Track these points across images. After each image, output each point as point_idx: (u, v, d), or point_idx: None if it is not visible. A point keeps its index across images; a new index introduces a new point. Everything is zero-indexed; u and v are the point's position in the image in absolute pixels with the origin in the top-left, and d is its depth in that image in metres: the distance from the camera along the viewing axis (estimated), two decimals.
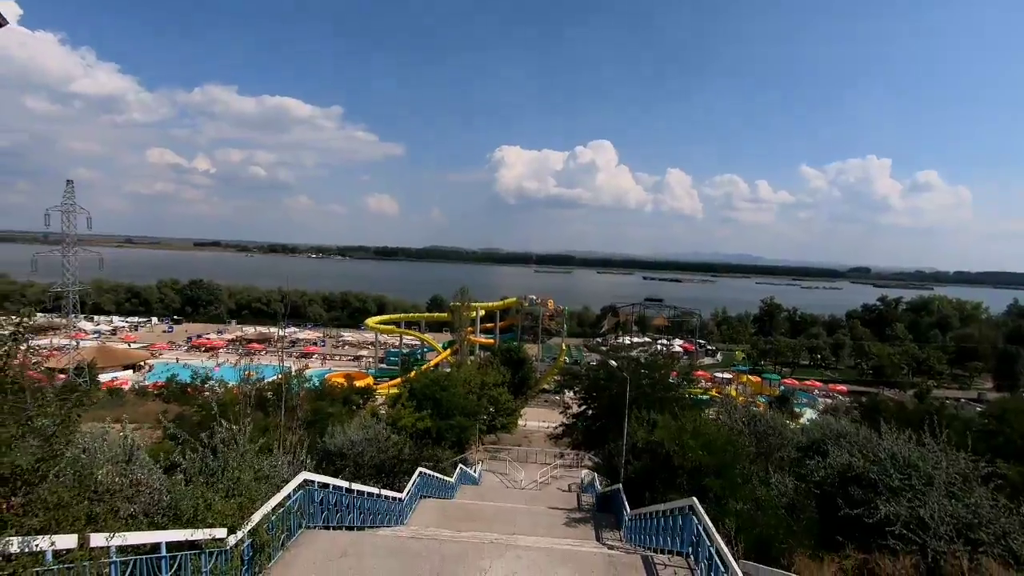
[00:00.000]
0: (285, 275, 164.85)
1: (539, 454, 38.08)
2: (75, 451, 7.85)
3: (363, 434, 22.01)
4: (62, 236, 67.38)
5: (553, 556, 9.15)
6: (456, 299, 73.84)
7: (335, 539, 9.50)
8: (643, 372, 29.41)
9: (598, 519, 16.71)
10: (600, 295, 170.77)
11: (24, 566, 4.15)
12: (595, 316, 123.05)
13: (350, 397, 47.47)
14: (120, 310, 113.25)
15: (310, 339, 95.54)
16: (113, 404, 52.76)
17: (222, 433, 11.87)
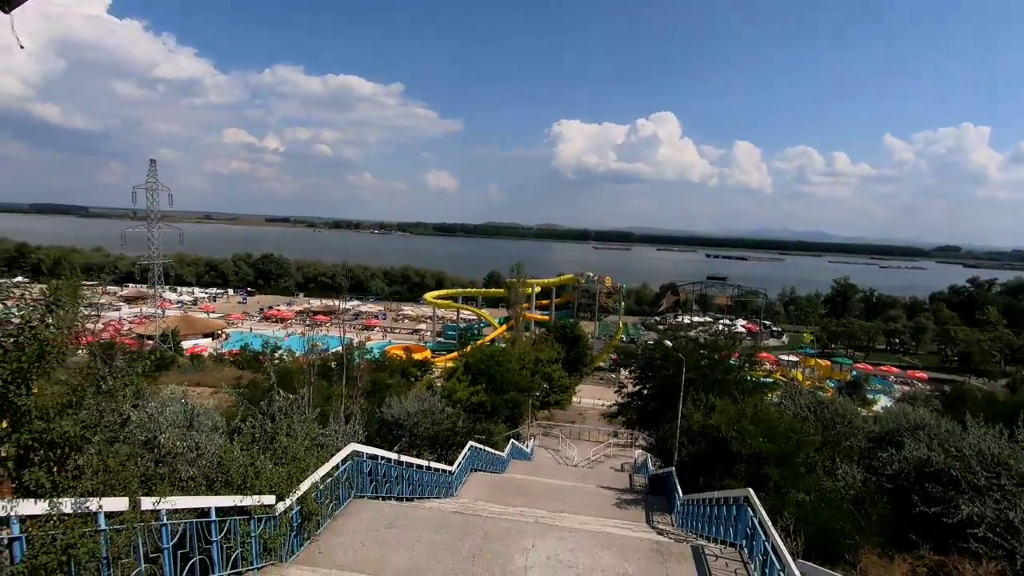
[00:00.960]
0: (349, 250, 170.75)
1: (592, 432, 37.89)
2: (141, 415, 8.29)
3: (419, 406, 22.56)
4: (147, 212, 72.35)
5: (598, 539, 8.95)
6: (512, 275, 73.85)
7: (382, 510, 9.70)
8: (702, 353, 28.38)
9: (649, 501, 16.38)
10: (660, 273, 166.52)
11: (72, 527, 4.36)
12: (654, 294, 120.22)
13: (408, 369, 48.81)
14: (200, 282, 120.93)
15: (372, 312, 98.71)
16: (194, 369, 56.84)
17: (279, 401, 12.32)
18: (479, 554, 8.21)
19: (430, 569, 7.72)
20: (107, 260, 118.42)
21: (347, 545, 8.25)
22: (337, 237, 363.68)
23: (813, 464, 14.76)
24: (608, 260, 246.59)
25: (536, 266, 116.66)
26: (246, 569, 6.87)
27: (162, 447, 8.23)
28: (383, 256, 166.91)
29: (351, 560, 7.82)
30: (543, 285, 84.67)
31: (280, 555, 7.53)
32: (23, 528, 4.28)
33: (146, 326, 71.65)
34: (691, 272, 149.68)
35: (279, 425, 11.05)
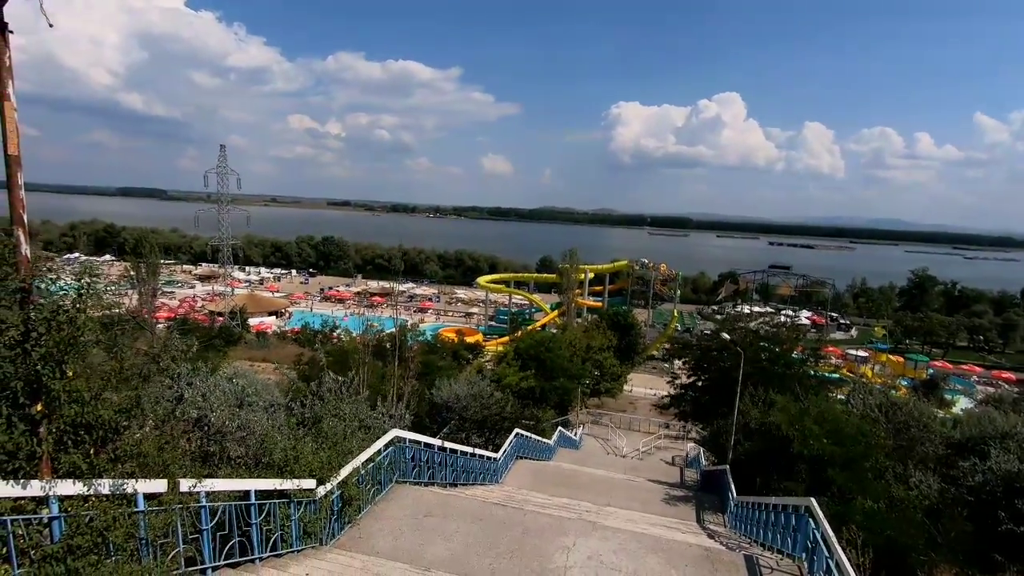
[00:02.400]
0: (405, 233, 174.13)
1: (643, 422, 37.10)
2: (193, 394, 8.51)
3: (468, 389, 22.62)
4: (218, 196, 76.12)
5: (643, 542, 8.54)
6: (565, 261, 73.05)
7: (422, 497, 9.65)
8: (762, 345, 27.03)
9: (700, 499, 15.73)
10: (719, 260, 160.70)
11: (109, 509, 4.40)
12: (712, 282, 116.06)
13: (459, 352, 49.32)
14: (266, 262, 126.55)
15: (426, 295, 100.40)
16: (259, 345, 59.67)
17: (329, 383, 12.48)
18: (518, 550, 7.99)
19: (467, 562, 7.57)
20: (183, 241, 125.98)
21: (386, 532, 8.22)
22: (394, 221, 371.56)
23: (883, 470, 13.70)
24: (664, 246, 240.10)
25: (590, 252, 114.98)
26: (286, 552, 6.93)
27: (212, 425, 8.44)
28: (438, 240, 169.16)
29: (389, 547, 7.78)
30: (596, 271, 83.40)
31: (320, 539, 7.58)
32: (62, 508, 4.36)
33: (217, 303, 75.82)
34: (752, 260, 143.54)
35: (327, 406, 11.20)
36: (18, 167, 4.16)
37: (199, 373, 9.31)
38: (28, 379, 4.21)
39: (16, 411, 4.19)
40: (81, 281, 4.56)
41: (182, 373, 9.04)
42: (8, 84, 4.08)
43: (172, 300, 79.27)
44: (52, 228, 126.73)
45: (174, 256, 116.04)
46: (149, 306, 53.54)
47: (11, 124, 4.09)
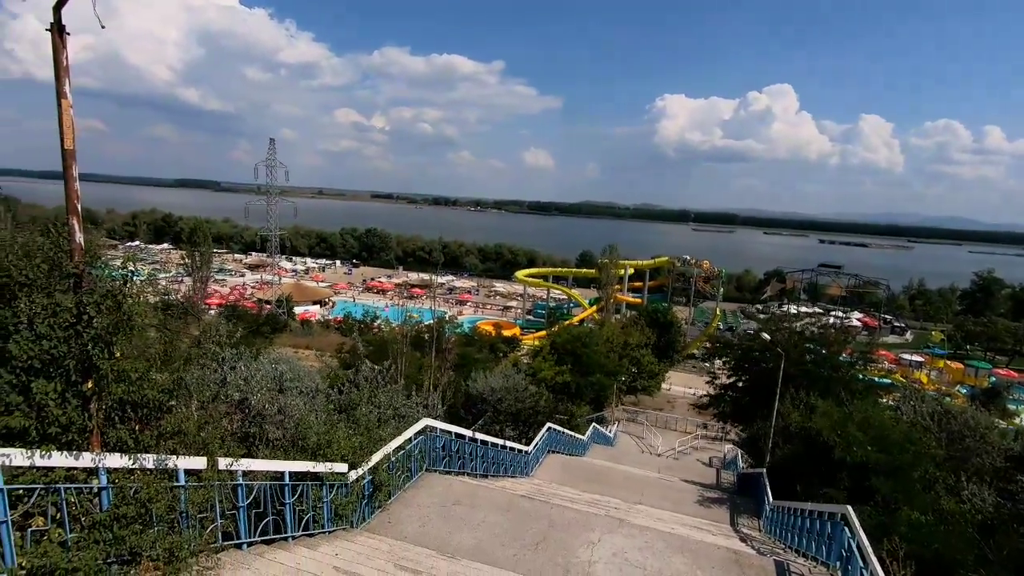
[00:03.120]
0: (445, 226, 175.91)
1: (680, 422, 36.50)
2: (236, 378, 8.90)
3: (503, 382, 22.79)
4: (268, 188, 78.89)
5: (670, 541, 8.44)
6: (605, 256, 72.37)
7: (451, 486, 9.80)
8: (807, 347, 26.13)
9: (736, 502, 15.39)
10: (765, 258, 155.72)
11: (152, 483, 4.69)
12: (757, 281, 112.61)
13: (496, 345, 49.69)
14: (311, 253, 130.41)
15: (465, 287, 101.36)
16: (304, 333, 61.63)
17: (365, 371, 12.80)
18: (543, 542, 8.04)
19: (493, 552, 7.66)
20: (234, 231, 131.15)
21: (414, 518, 8.41)
22: (435, 213, 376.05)
23: (932, 481, 13.08)
24: (708, 243, 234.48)
25: (630, 247, 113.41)
26: (317, 532, 7.19)
27: (252, 408, 8.81)
28: (478, 233, 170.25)
29: (417, 534, 7.95)
30: (637, 267, 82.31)
31: (351, 521, 7.83)
32: (110, 479, 4.66)
33: (264, 292, 78.71)
34: (801, 258, 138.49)
35: (362, 393, 11.50)
36: (73, 160, 4.45)
37: (242, 357, 9.73)
38: (80, 358, 4.52)
39: (70, 388, 4.51)
40: (126, 268, 4.85)
41: (226, 357, 9.47)
42: (65, 83, 4.36)
43: (223, 287, 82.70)
44: (116, 217, 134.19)
45: (226, 245, 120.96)
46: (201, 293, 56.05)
47: (67, 120, 4.38)
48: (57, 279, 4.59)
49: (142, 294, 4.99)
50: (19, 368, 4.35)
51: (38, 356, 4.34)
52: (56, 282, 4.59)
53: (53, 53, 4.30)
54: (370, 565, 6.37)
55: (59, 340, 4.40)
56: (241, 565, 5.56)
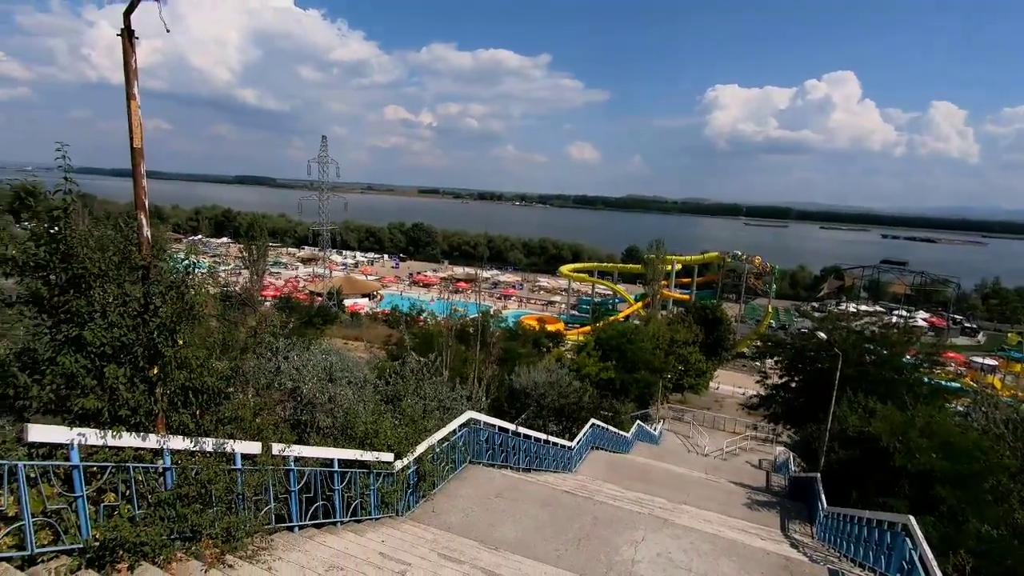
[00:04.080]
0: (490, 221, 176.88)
1: (729, 422, 35.54)
2: (289, 367, 9.24)
3: (546, 377, 22.80)
4: (319, 184, 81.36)
5: (717, 544, 8.23)
6: (651, 251, 71.00)
7: (494, 479, 9.88)
8: (867, 348, 24.88)
9: (787, 506, 14.87)
10: (822, 253, 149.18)
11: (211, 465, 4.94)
12: (813, 277, 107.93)
13: (540, 340, 49.61)
14: (360, 247, 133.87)
15: (509, 282, 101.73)
16: (353, 325, 63.43)
17: (411, 363, 13.05)
18: (585, 539, 8.00)
19: (535, 546, 7.69)
20: (288, 225, 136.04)
21: (458, 509, 8.53)
22: (481, 208, 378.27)
23: (1006, 492, 12.22)
24: (760, 238, 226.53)
25: (678, 242, 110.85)
26: (364, 518, 7.40)
27: (304, 396, 9.13)
28: (522, 227, 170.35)
29: (460, 524, 8.07)
30: (684, 263, 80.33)
31: (396, 509, 8.02)
32: (173, 460, 4.94)
33: (316, 284, 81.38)
34: (861, 254, 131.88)
35: (408, 385, 11.74)
36: (141, 158, 4.71)
37: (295, 348, 10.09)
38: (147, 345, 4.81)
39: (137, 373, 4.81)
40: (187, 261, 5.13)
41: (280, 347, 9.85)
42: (134, 84, 4.62)
43: (278, 280, 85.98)
44: (180, 212, 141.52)
45: (280, 239, 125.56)
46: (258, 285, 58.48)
47: (136, 120, 4.64)
48: (127, 271, 4.89)
49: (203, 286, 5.26)
50: (93, 354, 4.66)
51: (110, 343, 4.65)
52: (126, 274, 4.89)
53: (123, 56, 4.56)
54: (414, 553, 6.51)
55: (128, 328, 4.69)
56: (293, 547, 5.79)
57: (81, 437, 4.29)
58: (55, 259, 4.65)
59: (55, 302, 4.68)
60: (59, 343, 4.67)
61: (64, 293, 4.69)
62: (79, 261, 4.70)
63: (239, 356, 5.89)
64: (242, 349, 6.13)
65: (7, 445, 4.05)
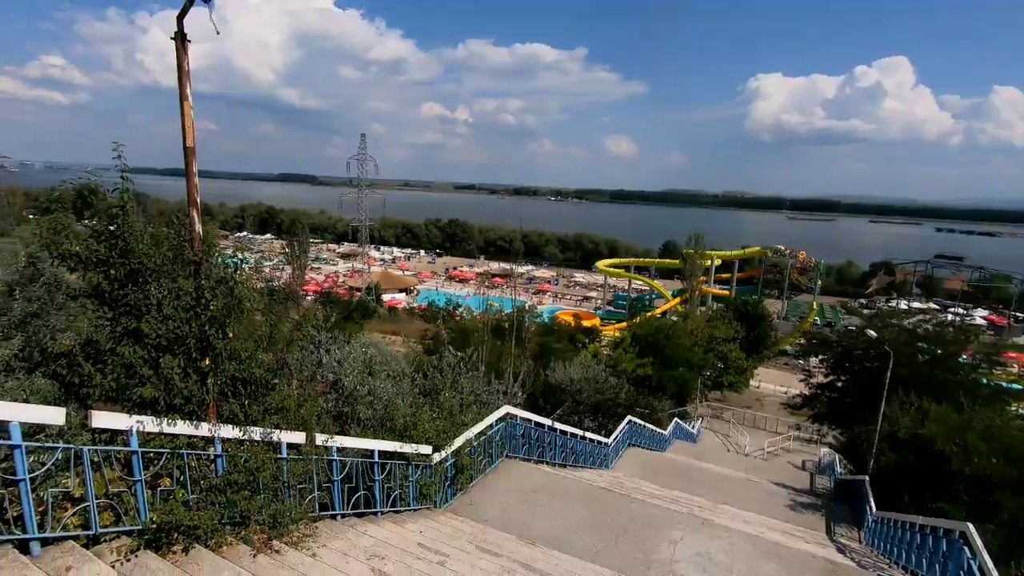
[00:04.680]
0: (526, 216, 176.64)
1: (770, 421, 34.60)
2: (331, 360, 9.47)
3: (582, 373, 22.70)
4: (359, 181, 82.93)
5: (759, 546, 8.03)
6: (689, 245, 69.55)
7: (531, 473, 9.90)
8: (920, 346, 23.83)
9: (832, 510, 14.39)
10: (871, 248, 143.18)
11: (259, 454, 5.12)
12: (861, 273, 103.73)
13: (576, 336, 49.32)
14: (398, 243, 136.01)
15: (545, 277, 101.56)
16: (390, 320, 64.53)
17: (449, 358, 13.19)
18: (623, 536, 7.93)
19: (572, 541, 7.67)
20: (329, 222, 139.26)
21: (495, 503, 8.59)
22: (516, 203, 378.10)
23: None
24: (805, 232, 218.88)
25: (718, 236, 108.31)
26: (404, 509, 7.54)
27: (345, 388, 9.34)
28: (558, 222, 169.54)
29: (497, 518, 8.12)
30: (724, 257, 78.39)
31: (434, 501, 8.13)
32: (224, 448, 5.14)
33: (355, 279, 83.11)
34: (914, 248, 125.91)
35: (446, 379, 11.87)
36: (193, 157, 4.90)
37: (336, 341, 10.34)
38: (199, 337, 5.02)
39: (190, 364, 5.02)
40: (236, 256, 5.32)
41: (322, 340, 10.11)
42: (187, 86, 4.79)
43: (319, 275, 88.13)
44: (227, 210, 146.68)
45: (321, 236, 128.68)
46: (300, 279, 60.10)
47: (189, 121, 4.82)
48: (180, 266, 5.11)
49: (250, 280, 5.44)
50: (150, 345, 4.88)
51: (165, 335, 4.86)
52: (179, 269, 5.10)
53: (177, 60, 4.74)
54: (453, 545, 6.59)
55: (182, 321, 4.90)
56: (335, 535, 5.94)
57: (139, 424, 4.51)
58: (115, 255, 4.89)
59: (115, 296, 4.92)
60: (119, 335, 4.91)
61: (123, 287, 4.92)
62: (136, 257, 4.92)
63: (284, 348, 6.08)
64: (287, 342, 6.32)
65: (73, 430, 4.29)
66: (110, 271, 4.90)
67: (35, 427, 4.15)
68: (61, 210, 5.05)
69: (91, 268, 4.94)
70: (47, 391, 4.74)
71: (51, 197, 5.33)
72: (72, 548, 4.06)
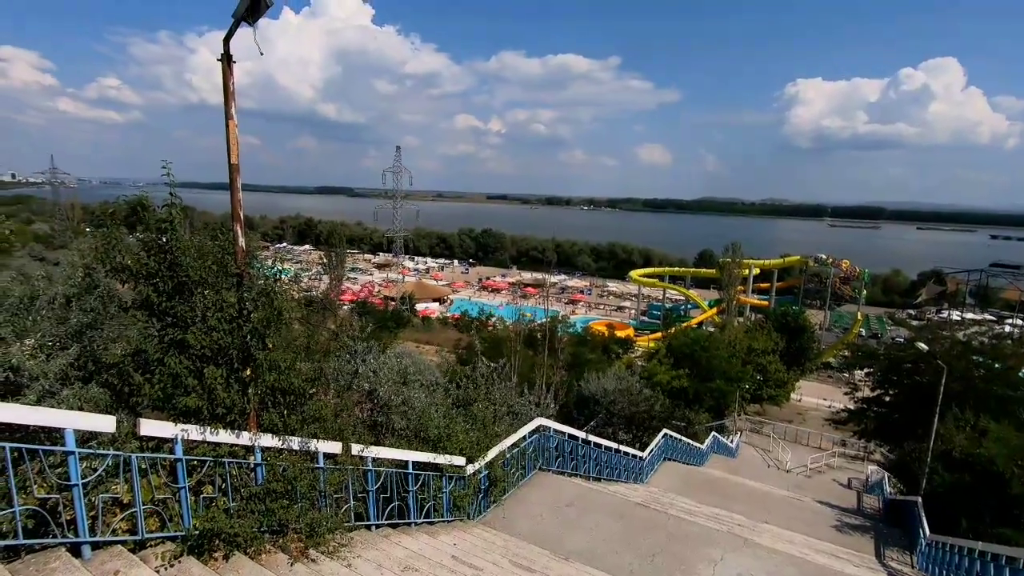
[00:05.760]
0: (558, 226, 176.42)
1: (813, 436, 33.34)
2: (366, 370, 9.58)
3: (616, 384, 22.40)
4: (393, 192, 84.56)
5: (804, 569, 7.69)
6: (726, 254, 68.04)
7: (564, 487, 9.77)
8: (975, 359, 22.64)
9: (882, 532, 13.71)
10: (919, 256, 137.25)
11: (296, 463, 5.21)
12: (909, 282, 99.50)
13: (609, 346, 48.79)
14: (432, 253, 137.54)
15: (577, 287, 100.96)
16: (424, 329, 65.20)
17: (482, 368, 13.19)
18: (659, 554, 7.73)
19: (606, 558, 7.51)
20: (364, 233, 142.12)
21: (528, 515, 8.50)
22: (548, 213, 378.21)
23: None
24: (847, 240, 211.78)
25: (756, 245, 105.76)
26: (437, 520, 7.53)
27: (380, 398, 9.44)
28: (591, 232, 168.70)
29: (530, 531, 8.03)
30: (763, 267, 76.39)
31: (468, 513, 8.11)
32: (263, 457, 5.25)
33: (390, 289, 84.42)
34: (966, 257, 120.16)
35: (479, 389, 11.87)
36: (237, 174, 5.06)
37: (371, 351, 10.47)
38: (240, 348, 5.15)
39: (232, 374, 5.15)
40: (275, 268, 5.46)
41: (358, 350, 10.24)
42: (232, 106, 4.97)
43: (355, 285, 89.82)
44: (267, 222, 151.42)
45: (357, 246, 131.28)
46: (337, 290, 61.39)
47: (234, 139, 4.98)
48: (223, 278, 5.27)
49: (289, 291, 5.58)
50: (195, 355, 5.04)
51: (209, 346, 5.01)
52: (223, 281, 5.26)
53: (223, 80, 4.91)
54: (486, 558, 6.54)
55: (225, 332, 5.04)
56: (370, 545, 5.98)
57: (184, 433, 4.64)
58: (163, 268, 5.08)
59: (163, 307, 5.11)
60: (166, 345, 5.09)
61: (171, 299, 5.11)
62: (183, 269, 5.10)
63: (321, 358, 6.19)
64: (324, 352, 6.43)
65: (123, 438, 4.44)
66: (159, 284, 5.08)
67: (88, 434, 4.32)
68: (113, 224, 5.28)
69: (141, 280, 5.14)
70: (100, 400, 4.93)
71: (105, 212, 5.58)
72: (120, 552, 4.19)
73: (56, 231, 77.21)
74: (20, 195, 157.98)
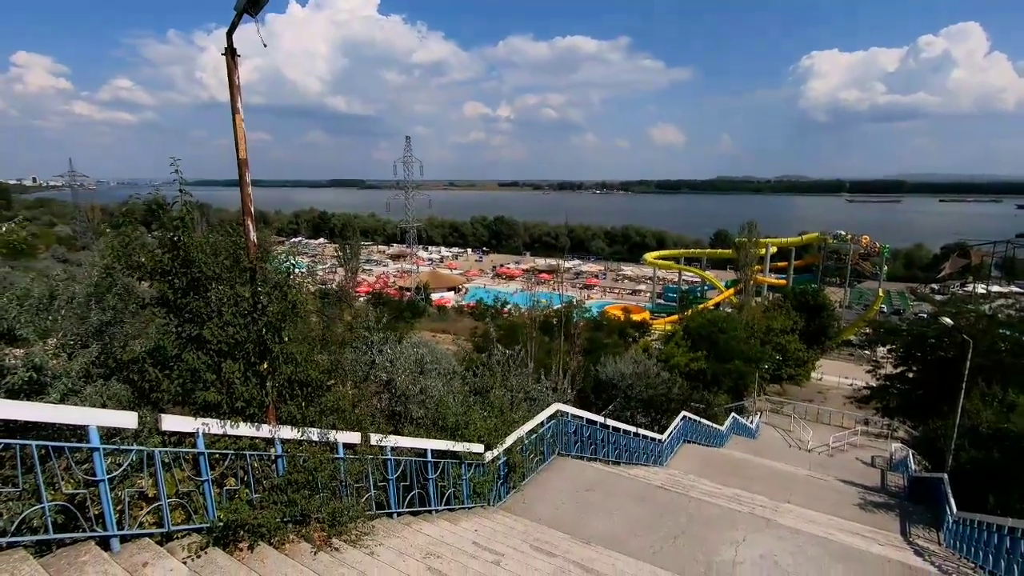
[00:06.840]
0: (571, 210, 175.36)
1: (835, 415, 32.97)
2: (383, 360, 9.64)
3: (633, 368, 22.35)
4: (405, 183, 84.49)
5: (828, 548, 7.62)
6: (742, 234, 67.03)
7: (584, 471, 9.78)
8: (1001, 333, 22.16)
9: (907, 510, 13.54)
10: (942, 229, 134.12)
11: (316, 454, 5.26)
12: (932, 256, 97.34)
13: (625, 330, 48.65)
14: (445, 242, 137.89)
15: (592, 272, 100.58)
16: (440, 319, 65.52)
17: (498, 355, 13.21)
18: (681, 536, 7.72)
19: (627, 542, 7.52)
20: (378, 224, 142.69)
21: (548, 501, 8.53)
22: (561, 198, 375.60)
23: None
24: (867, 215, 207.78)
25: (773, 223, 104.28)
26: (457, 507, 7.60)
27: (397, 388, 9.50)
28: (604, 215, 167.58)
29: (551, 516, 8.06)
30: (780, 245, 75.14)
31: (488, 499, 8.16)
32: (284, 449, 5.31)
33: (405, 280, 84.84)
34: (992, 228, 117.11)
35: (496, 376, 11.90)
36: (246, 168, 5.06)
37: (388, 341, 10.53)
38: (256, 342, 5.20)
39: (249, 368, 5.21)
40: (288, 262, 5.49)
41: (374, 341, 10.31)
42: (238, 100, 4.95)
43: (370, 276, 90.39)
44: (282, 217, 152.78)
45: (371, 238, 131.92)
46: (352, 282, 61.82)
47: (241, 133, 4.98)
48: (237, 273, 5.30)
49: (304, 284, 5.60)
50: (212, 351, 5.10)
51: (225, 340, 5.06)
52: (236, 276, 5.29)
53: (228, 74, 4.90)
54: (507, 543, 6.58)
55: (240, 326, 5.09)
56: (392, 533, 6.04)
57: (205, 427, 4.71)
58: (177, 264, 5.12)
59: (179, 303, 5.16)
60: (184, 341, 5.15)
61: (186, 295, 5.16)
62: (197, 266, 5.14)
63: (337, 350, 6.23)
64: (340, 343, 6.47)
65: (146, 433, 4.52)
66: (174, 280, 5.13)
67: (112, 430, 4.40)
68: (130, 224, 5.33)
69: (157, 277, 5.19)
70: (122, 396, 5.02)
71: (121, 211, 5.64)
72: (148, 545, 4.28)
73: (77, 233, 78.73)
74: (42, 198, 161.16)
